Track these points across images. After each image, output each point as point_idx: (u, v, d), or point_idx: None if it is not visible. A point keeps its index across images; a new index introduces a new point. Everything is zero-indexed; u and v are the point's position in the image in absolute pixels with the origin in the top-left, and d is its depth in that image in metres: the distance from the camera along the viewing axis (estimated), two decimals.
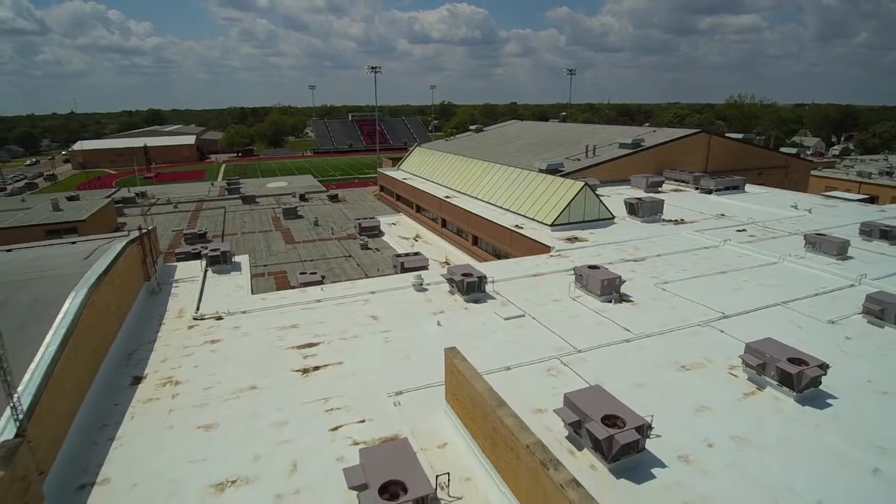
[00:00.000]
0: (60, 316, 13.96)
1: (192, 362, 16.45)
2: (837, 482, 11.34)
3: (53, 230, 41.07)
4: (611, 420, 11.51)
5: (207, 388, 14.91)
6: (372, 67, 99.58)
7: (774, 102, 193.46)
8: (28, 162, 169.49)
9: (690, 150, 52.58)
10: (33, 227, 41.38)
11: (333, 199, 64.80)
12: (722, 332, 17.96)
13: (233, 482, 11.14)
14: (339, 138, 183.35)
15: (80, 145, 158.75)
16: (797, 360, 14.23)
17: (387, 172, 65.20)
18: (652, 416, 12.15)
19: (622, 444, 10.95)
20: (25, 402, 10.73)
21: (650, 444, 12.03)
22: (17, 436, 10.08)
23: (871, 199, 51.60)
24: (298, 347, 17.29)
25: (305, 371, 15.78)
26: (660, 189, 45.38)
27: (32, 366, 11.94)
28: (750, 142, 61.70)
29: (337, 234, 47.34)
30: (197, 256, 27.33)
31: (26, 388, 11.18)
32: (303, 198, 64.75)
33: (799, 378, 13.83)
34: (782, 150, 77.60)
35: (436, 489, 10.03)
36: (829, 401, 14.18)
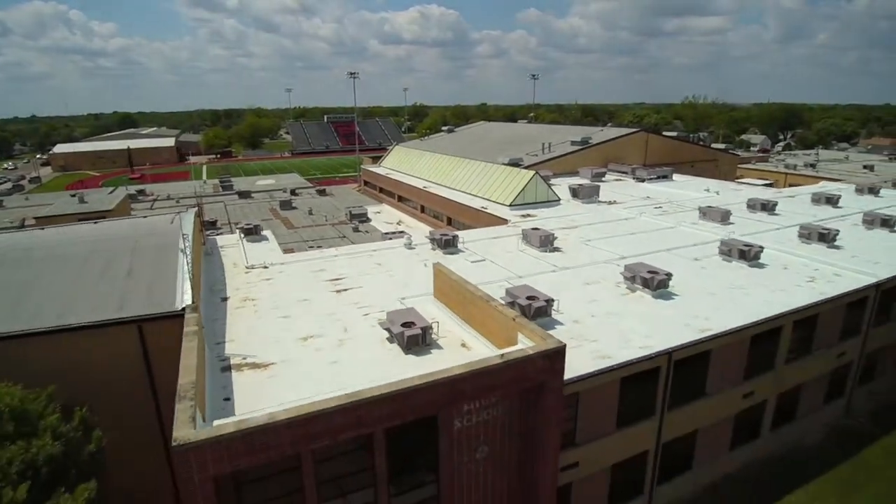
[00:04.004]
0: (182, 254, 21.42)
1: (257, 289, 23.99)
2: (665, 329, 19.70)
3: (85, 218, 47.28)
4: (531, 298, 19.65)
5: (275, 300, 22.51)
6: (351, 73, 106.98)
7: (726, 102, 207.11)
8: (6, 166, 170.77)
9: (631, 147, 61.58)
10: (67, 216, 47.63)
11: (321, 193, 71.95)
12: (618, 266, 26.34)
13: (311, 336, 18.86)
14: (316, 140, 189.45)
15: (59, 148, 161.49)
16: (653, 272, 22.65)
17: (370, 169, 72.82)
18: (558, 299, 20.36)
19: (535, 308, 19.09)
20: (188, 290, 18.33)
21: (556, 316, 20.24)
22: (192, 302, 17.65)
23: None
24: (330, 280, 25.01)
25: (339, 291, 23.54)
26: (603, 179, 54.01)
27: (180, 278, 19.46)
28: (684, 139, 71.25)
29: (330, 221, 54.76)
30: None
31: (185, 284, 18.73)
32: (293, 192, 71.67)
33: (652, 281, 22.25)
34: (714, 146, 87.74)
35: (431, 328, 17.92)
36: (673, 296, 22.65)
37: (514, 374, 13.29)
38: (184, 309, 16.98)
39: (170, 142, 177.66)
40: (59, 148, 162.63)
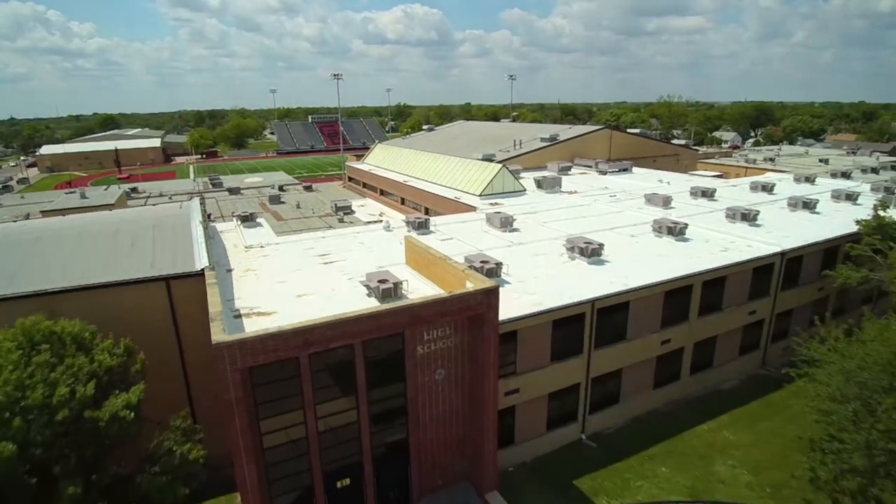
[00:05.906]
0: (195, 231, 25.62)
1: (257, 263, 28.23)
2: (593, 285, 24.34)
3: (89, 212, 51.05)
4: (484, 262, 24.21)
5: (272, 271, 26.78)
6: (335, 74, 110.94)
7: (699, 101, 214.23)
8: None
9: (596, 143, 66.50)
10: (72, 210, 51.21)
11: (308, 189, 75.97)
12: (562, 241, 31.01)
13: (304, 294, 23.20)
14: (301, 139, 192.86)
15: (46, 149, 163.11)
16: (588, 242, 27.36)
17: (354, 165, 77.08)
18: (508, 264, 24.95)
19: (487, 269, 23.65)
20: (205, 256, 22.57)
21: (506, 277, 24.82)
22: (209, 263, 21.89)
23: None
24: (319, 255, 29.34)
25: (326, 263, 27.90)
26: (568, 172, 58.84)
27: (196, 247, 23.69)
28: (646, 136, 76.44)
29: (317, 213, 58.91)
30: None
31: (202, 251, 22.96)
32: (281, 188, 75.60)
33: (587, 249, 26.95)
34: (674, 142, 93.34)
35: (402, 283, 22.36)
36: (605, 262, 27.36)
37: (460, 306, 17.81)
38: (203, 269, 21.24)
39: (156, 142, 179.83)
40: (46, 149, 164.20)
